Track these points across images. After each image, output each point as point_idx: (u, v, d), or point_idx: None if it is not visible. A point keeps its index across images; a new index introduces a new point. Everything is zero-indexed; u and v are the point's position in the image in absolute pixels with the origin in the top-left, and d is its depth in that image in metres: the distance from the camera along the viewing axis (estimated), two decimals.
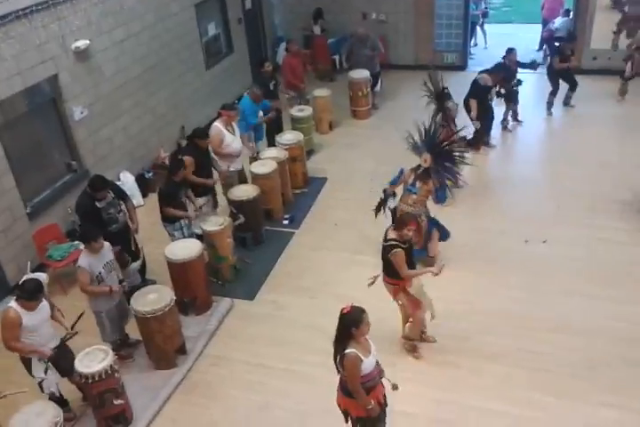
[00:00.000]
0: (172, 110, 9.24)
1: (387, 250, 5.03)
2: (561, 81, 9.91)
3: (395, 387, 4.19)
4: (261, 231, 7.26)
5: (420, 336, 5.54)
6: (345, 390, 4.03)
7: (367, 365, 3.90)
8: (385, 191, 6.36)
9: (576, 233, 6.99)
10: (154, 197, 6.86)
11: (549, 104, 10.10)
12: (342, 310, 3.90)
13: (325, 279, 6.49)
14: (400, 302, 5.29)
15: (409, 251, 5.10)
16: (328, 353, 5.37)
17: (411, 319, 5.40)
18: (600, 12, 10.98)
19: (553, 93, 10.00)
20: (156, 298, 5.39)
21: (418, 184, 6.21)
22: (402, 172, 6.35)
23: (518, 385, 5.12)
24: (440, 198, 7.20)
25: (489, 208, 7.67)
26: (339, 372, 4.02)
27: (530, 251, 6.79)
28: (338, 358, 3.93)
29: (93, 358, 4.71)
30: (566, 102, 10.26)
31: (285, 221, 7.63)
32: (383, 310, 5.45)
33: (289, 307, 6.20)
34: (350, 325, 3.83)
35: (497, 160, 8.98)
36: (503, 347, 5.52)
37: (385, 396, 4.19)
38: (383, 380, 4.13)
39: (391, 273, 5.11)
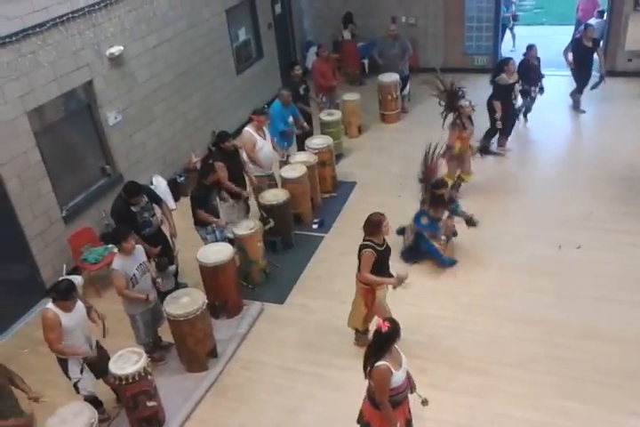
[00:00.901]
0: (204, 115, 9.35)
1: (359, 249, 5.04)
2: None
3: (425, 402, 4.15)
4: (291, 235, 7.29)
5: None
6: (373, 400, 4.00)
7: (397, 378, 3.87)
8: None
9: (608, 238, 6.88)
10: (186, 201, 6.96)
11: (576, 103, 10.02)
12: (379, 328, 3.84)
13: (355, 284, 6.47)
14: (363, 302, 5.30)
15: (384, 254, 5.07)
16: (357, 358, 5.40)
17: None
18: (635, 13, 10.78)
19: (579, 91, 9.91)
20: (188, 301, 5.46)
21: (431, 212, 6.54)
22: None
23: (548, 393, 5.05)
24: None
25: (517, 212, 7.59)
26: (369, 383, 3.98)
27: (561, 256, 6.70)
28: (368, 369, 3.88)
29: (127, 360, 4.78)
30: (576, 107, 10.10)
31: (315, 226, 7.66)
32: (414, 316, 5.47)
33: (319, 311, 6.22)
34: (391, 340, 3.83)
35: (524, 162, 8.86)
36: (533, 353, 5.46)
37: (410, 410, 4.17)
38: (414, 394, 4.10)
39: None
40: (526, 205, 7.74)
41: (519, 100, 9.18)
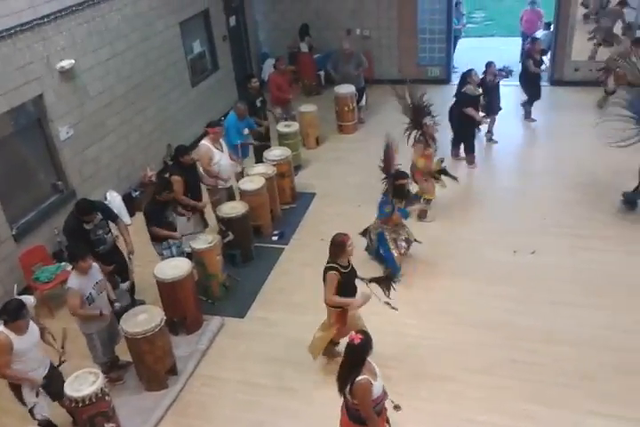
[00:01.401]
0: (159, 128, 9.23)
1: (324, 272, 5.02)
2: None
3: (397, 408, 4.13)
4: (251, 248, 7.23)
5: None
6: (355, 417, 3.92)
7: (376, 389, 3.83)
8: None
9: (562, 243, 7.05)
10: (141, 216, 6.82)
11: (528, 113, 10.33)
12: (352, 340, 3.80)
13: (317, 295, 6.41)
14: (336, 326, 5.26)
15: (349, 276, 5.04)
16: (322, 370, 5.44)
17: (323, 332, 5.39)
18: (579, 24, 11.18)
19: (529, 102, 10.24)
20: (146, 318, 5.33)
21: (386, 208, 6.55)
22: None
23: (511, 396, 5.11)
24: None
25: (474, 219, 7.72)
26: (346, 399, 3.91)
27: (518, 261, 6.82)
28: (348, 386, 3.81)
29: (83, 382, 4.63)
30: (527, 116, 10.39)
31: (275, 238, 7.62)
32: (376, 325, 5.46)
33: (280, 324, 6.16)
34: (365, 352, 3.80)
35: (480, 172, 9.03)
36: (495, 358, 5.52)
37: (388, 419, 4.17)
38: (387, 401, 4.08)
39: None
40: (484, 212, 7.89)
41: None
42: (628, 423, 4.79)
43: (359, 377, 3.75)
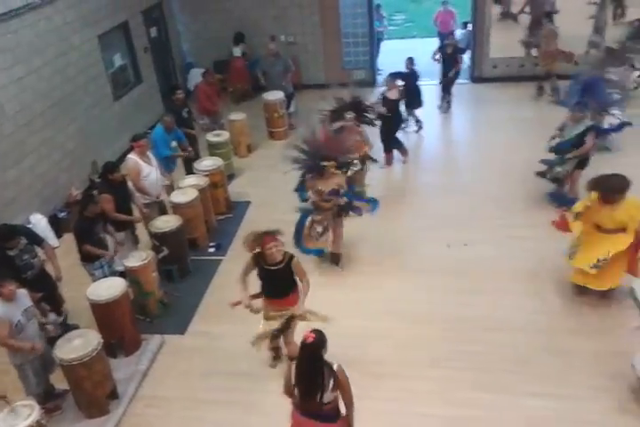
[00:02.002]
0: (82, 145, 8.95)
1: None
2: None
3: None
4: (187, 262, 7.10)
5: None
6: (330, 417, 3.91)
7: None
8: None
9: (492, 234, 7.28)
10: (69, 238, 6.60)
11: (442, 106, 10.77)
12: (305, 340, 3.77)
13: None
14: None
15: (271, 273, 5.01)
16: (269, 379, 5.37)
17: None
18: (495, 23, 11.59)
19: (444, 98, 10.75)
20: (81, 343, 5.13)
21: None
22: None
23: (458, 387, 5.23)
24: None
25: (408, 216, 7.86)
26: (322, 403, 3.83)
27: (451, 254, 7.00)
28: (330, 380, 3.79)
29: (17, 416, 4.40)
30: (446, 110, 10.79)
31: (211, 249, 7.51)
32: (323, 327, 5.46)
33: (223, 336, 6.07)
34: (322, 347, 3.78)
35: (409, 168, 9.22)
36: (436, 351, 5.63)
37: None
38: None
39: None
40: (416, 209, 8.04)
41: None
42: (562, 400, 5.00)
43: (335, 364, 3.77)
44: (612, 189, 5.51)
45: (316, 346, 3.76)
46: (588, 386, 5.11)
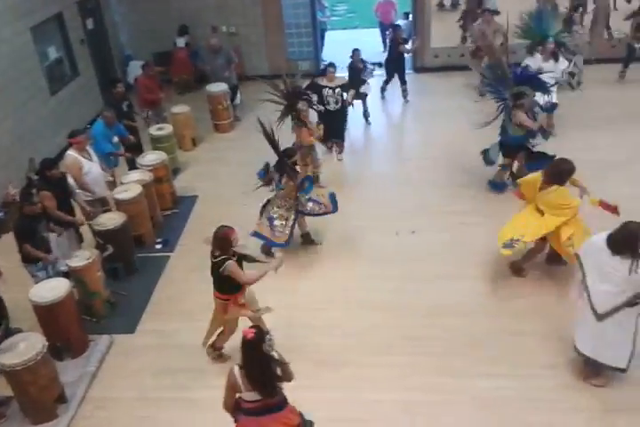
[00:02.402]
0: (18, 142, 8.59)
1: (218, 266, 4.97)
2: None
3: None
4: (133, 259, 6.94)
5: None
6: (283, 404, 3.95)
7: None
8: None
9: (439, 220, 7.40)
10: (8, 239, 6.33)
11: (382, 89, 10.92)
12: (245, 336, 3.74)
13: (208, 300, 6.28)
14: (226, 317, 5.24)
15: (240, 263, 5.05)
16: (218, 374, 5.30)
17: (221, 329, 5.42)
18: (435, 13, 11.74)
19: (386, 82, 10.88)
20: (25, 347, 4.94)
21: (283, 180, 6.54)
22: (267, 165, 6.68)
23: (412, 372, 5.31)
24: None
25: (357, 206, 7.87)
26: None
27: (400, 242, 7.09)
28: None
29: None
30: (405, 96, 10.91)
31: (158, 246, 7.37)
32: (271, 318, 5.45)
33: (173, 333, 5.97)
34: (261, 342, 3.74)
35: (356, 158, 9.28)
36: (392, 338, 5.70)
37: None
38: None
39: (224, 288, 5.10)
40: (365, 198, 8.09)
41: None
42: (515, 380, 5.14)
43: (284, 363, 3.77)
44: (561, 172, 5.72)
45: (258, 340, 3.74)
46: (539, 365, 5.27)
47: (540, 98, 7.66)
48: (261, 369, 3.76)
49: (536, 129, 7.24)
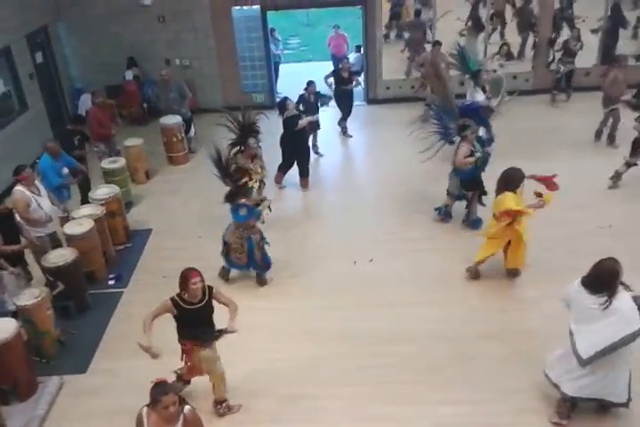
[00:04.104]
0: None
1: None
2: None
3: None
4: (85, 296, 6.75)
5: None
6: None
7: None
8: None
9: (393, 248, 7.49)
10: None
11: (344, 129, 11.02)
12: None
13: (165, 337, 6.16)
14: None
15: (191, 313, 4.85)
16: None
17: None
18: (387, 46, 12.08)
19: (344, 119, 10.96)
20: None
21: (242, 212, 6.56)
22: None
23: (367, 401, 5.28)
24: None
25: (314, 236, 7.94)
26: None
27: (358, 270, 7.13)
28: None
29: None
30: (344, 132, 11.06)
31: (111, 282, 7.20)
32: (224, 357, 5.35)
33: (127, 372, 5.78)
34: (151, 400, 3.69)
35: (310, 189, 9.32)
36: (347, 368, 5.67)
37: None
38: None
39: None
40: (321, 228, 8.14)
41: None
42: (472, 406, 5.17)
43: (185, 407, 3.70)
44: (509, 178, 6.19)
45: (150, 392, 3.69)
46: (497, 389, 5.32)
47: (481, 132, 7.87)
48: None
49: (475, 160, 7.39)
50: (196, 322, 4.91)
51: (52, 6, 11.45)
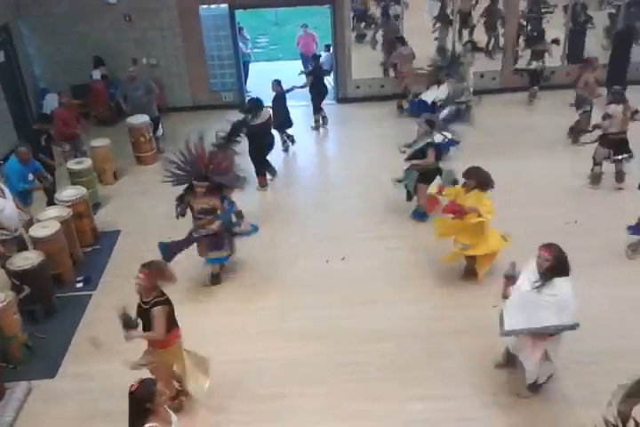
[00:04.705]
0: None
1: (151, 306, 4.80)
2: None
3: None
4: (52, 300, 6.62)
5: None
6: None
7: None
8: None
9: (367, 246, 7.52)
10: None
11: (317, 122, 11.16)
12: (130, 388, 3.66)
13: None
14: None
15: (141, 313, 4.83)
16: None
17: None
18: (355, 45, 12.11)
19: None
20: None
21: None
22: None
23: (342, 400, 5.31)
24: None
25: (283, 234, 7.93)
26: None
27: (330, 269, 7.14)
28: None
29: None
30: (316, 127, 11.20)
31: (79, 284, 7.08)
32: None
33: (98, 375, 5.70)
34: (144, 400, 3.61)
35: (281, 187, 9.33)
36: (324, 365, 5.69)
37: None
38: None
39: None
40: (293, 227, 8.13)
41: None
42: (444, 401, 5.25)
43: (147, 425, 3.59)
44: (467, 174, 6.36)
45: (139, 395, 3.64)
46: (466, 384, 5.41)
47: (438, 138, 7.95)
48: (136, 420, 3.66)
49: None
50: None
51: (11, 5, 11.17)
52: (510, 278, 5.02)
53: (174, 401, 5.11)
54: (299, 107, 11.35)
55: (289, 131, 10.31)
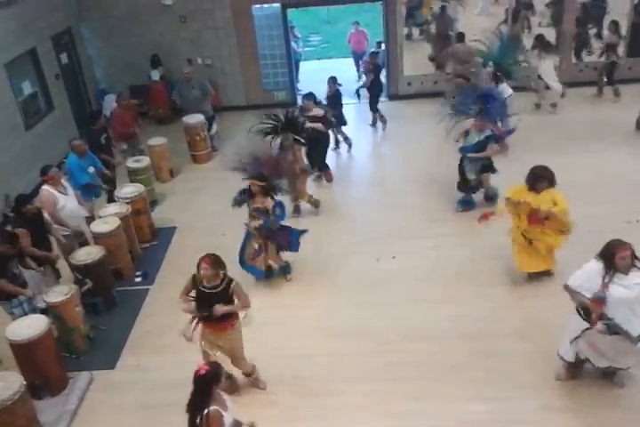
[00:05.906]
0: None
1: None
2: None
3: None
4: (112, 293, 6.87)
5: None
6: None
7: (227, 420, 3.81)
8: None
9: (417, 244, 7.46)
10: None
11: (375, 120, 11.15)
12: (197, 371, 3.78)
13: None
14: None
15: (207, 295, 4.96)
16: None
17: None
18: (408, 42, 12.02)
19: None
20: (2, 387, 4.86)
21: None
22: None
23: (391, 399, 5.30)
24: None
25: (337, 232, 7.95)
26: None
27: (380, 268, 7.13)
28: (199, 420, 3.74)
29: None
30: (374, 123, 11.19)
31: (138, 279, 7.32)
32: (250, 352, 5.40)
33: (153, 368, 5.90)
34: (212, 382, 3.75)
35: (335, 184, 9.35)
36: (372, 365, 5.69)
37: None
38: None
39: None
40: (344, 224, 8.16)
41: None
42: (495, 403, 5.16)
43: (211, 407, 3.72)
44: (541, 177, 6.07)
45: (207, 378, 3.77)
46: (518, 386, 5.30)
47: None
48: (200, 403, 3.78)
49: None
50: (205, 303, 4.98)
51: (74, 9, 11.62)
52: (601, 301, 4.70)
53: (250, 376, 5.43)
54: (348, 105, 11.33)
55: (345, 130, 10.29)
